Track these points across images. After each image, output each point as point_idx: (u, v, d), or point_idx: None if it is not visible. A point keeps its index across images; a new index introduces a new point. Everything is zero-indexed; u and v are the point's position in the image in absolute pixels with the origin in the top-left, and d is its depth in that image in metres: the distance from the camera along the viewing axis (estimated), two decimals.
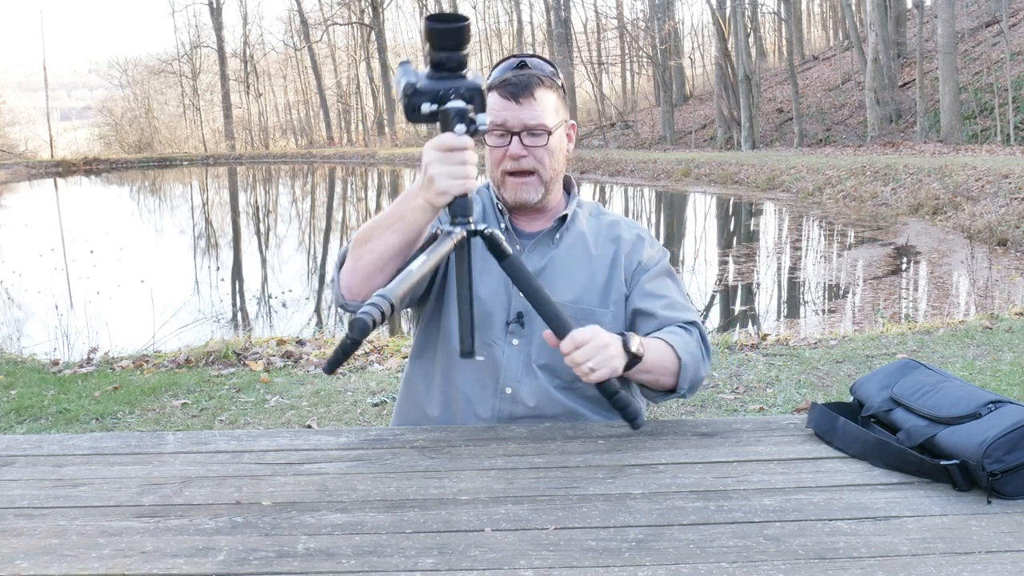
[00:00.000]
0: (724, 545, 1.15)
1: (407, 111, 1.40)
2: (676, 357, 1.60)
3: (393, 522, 1.23)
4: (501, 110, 1.67)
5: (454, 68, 1.38)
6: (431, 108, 1.39)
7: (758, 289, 9.54)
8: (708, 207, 18.06)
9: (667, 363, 1.60)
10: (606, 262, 1.74)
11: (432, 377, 1.75)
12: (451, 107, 1.38)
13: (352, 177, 31.41)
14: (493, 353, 1.69)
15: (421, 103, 1.39)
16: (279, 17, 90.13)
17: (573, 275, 1.72)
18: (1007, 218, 10.79)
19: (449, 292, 1.73)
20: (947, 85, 19.96)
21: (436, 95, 1.39)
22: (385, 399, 4.36)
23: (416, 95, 1.38)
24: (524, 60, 1.73)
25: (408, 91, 1.39)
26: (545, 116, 1.68)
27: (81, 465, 1.49)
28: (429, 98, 1.38)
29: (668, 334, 1.65)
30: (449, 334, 1.71)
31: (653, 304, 1.71)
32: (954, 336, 5.32)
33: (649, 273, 1.75)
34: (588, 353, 1.43)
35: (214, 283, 11.20)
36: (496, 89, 1.69)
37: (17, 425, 4.17)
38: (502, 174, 1.71)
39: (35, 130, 46.14)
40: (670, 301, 1.72)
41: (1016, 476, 1.26)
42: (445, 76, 1.38)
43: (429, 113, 1.39)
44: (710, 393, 4.37)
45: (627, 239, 1.77)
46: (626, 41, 37.44)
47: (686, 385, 1.63)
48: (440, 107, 1.39)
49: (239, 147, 45.23)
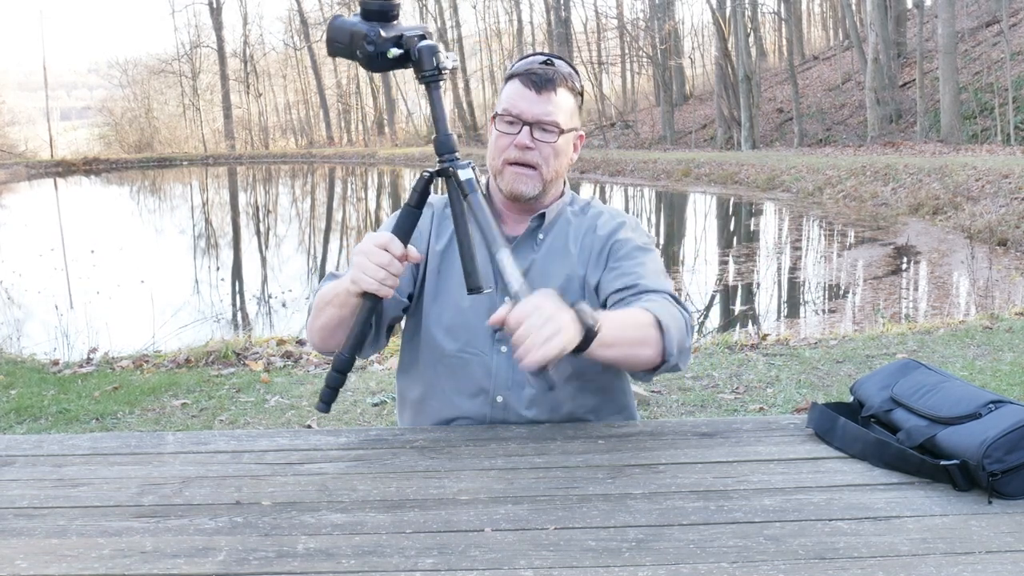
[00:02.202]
0: (724, 545, 1.14)
1: (370, 59, 1.43)
2: (654, 322, 1.48)
3: (393, 522, 1.23)
4: (519, 99, 1.66)
5: (393, 16, 1.44)
6: (398, 52, 1.42)
7: (758, 289, 9.53)
8: (708, 207, 18.06)
9: (638, 332, 1.47)
10: (585, 257, 1.70)
11: (422, 389, 1.74)
12: (424, 46, 1.42)
13: (352, 177, 31.40)
14: (482, 362, 1.67)
15: (387, 48, 1.42)
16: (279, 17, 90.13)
17: (553, 277, 1.68)
18: (1007, 218, 10.79)
19: (428, 297, 1.71)
20: (947, 85, 19.96)
21: (399, 40, 1.42)
22: (385, 399, 4.36)
23: (381, 40, 1.42)
24: (551, 58, 1.71)
25: (372, 38, 1.41)
26: (560, 115, 1.66)
27: (81, 465, 1.49)
28: (393, 43, 1.42)
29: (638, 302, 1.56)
30: (432, 342, 1.70)
31: (622, 281, 1.63)
32: (954, 336, 5.31)
33: (626, 249, 1.68)
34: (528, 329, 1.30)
35: (214, 283, 11.20)
36: (519, 77, 1.67)
37: (17, 425, 4.17)
38: (503, 163, 1.68)
39: (35, 130, 46.17)
40: (643, 273, 1.64)
41: (1016, 476, 1.26)
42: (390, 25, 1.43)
43: (396, 57, 1.43)
44: (710, 393, 4.37)
45: (607, 226, 1.72)
46: (626, 41, 37.43)
47: (674, 350, 1.50)
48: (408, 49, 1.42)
49: (239, 147, 45.22)
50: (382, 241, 1.45)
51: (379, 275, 1.44)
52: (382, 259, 1.44)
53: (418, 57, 1.42)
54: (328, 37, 1.47)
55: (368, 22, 1.43)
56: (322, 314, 1.61)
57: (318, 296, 1.63)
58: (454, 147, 1.45)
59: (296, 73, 49.91)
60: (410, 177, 28.89)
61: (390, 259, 1.45)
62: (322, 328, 1.62)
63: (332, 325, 1.60)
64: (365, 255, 1.45)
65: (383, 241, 1.45)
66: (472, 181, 1.42)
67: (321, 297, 1.62)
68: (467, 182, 1.42)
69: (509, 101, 1.66)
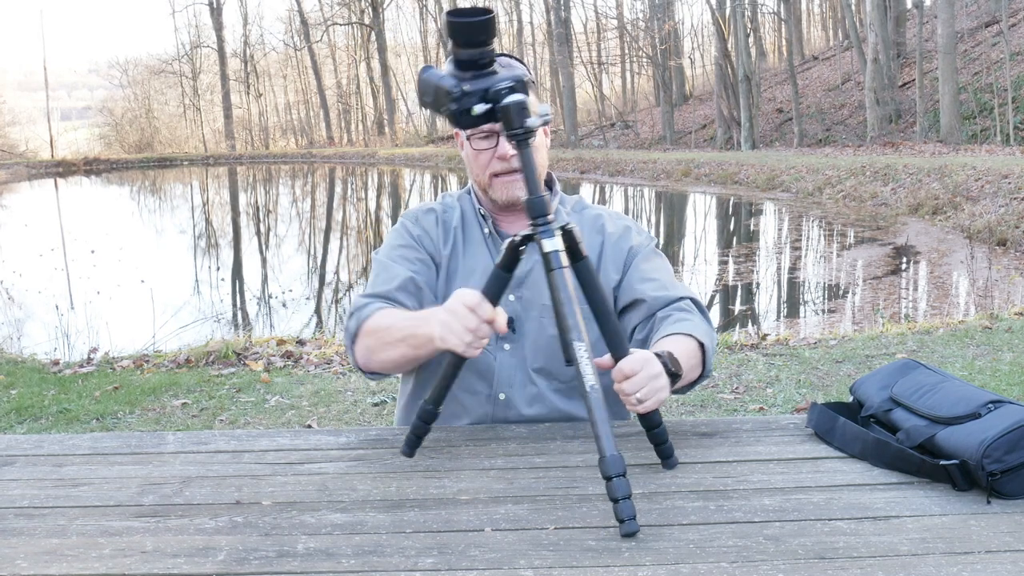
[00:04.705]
0: (724, 545, 1.15)
1: (456, 115, 1.33)
2: (699, 346, 1.56)
3: (393, 522, 1.24)
4: None
5: (485, 64, 1.32)
6: (484, 108, 1.32)
7: (758, 289, 9.54)
8: (708, 207, 18.06)
9: (694, 360, 1.55)
10: (594, 257, 1.72)
11: (424, 386, 1.74)
12: (511, 102, 1.30)
13: (352, 177, 31.39)
14: (485, 359, 1.68)
15: (471, 105, 1.32)
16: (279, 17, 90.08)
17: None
18: (1007, 218, 10.79)
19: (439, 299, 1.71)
20: (947, 85, 19.95)
21: (486, 93, 1.31)
22: (385, 399, 4.36)
23: (465, 97, 1.31)
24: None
25: (455, 94, 1.31)
26: None
27: (81, 465, 1.49)
28: (478, 98, 1.31)
29: (675, 324, 1.61)
30: None
31: (644, 288, 1.69)
32: (954, 336, 5.31)
33: (641, 255, 1.73)
34: (638, 384, 1.37)
35: (214, 283, 11.20)
36: None
37: (17, 425, 4.17)
38: (490, 176, 1.70)
39: (35, 130, 46.13)
40: (661, 283, 1.70)
41: (1016, 476, 1.26)
42: (479, 74, 1.32)
43: (483, 113, 1.32)
44: (710, 393, 4.37)
45: (613, 230, 1.76)
46: (626, 41, 37.42)
47: (711, 366, 1.61)
48: (496, 104, 1.31)
49: (239, 147, 45.20)
50: (471, 302, 1.39)
51: (466, 338, 1.39)
52: (470, 323, 1.39)
53: (504, 115, 1.31)
54: (417, 89, 1.39)
55: (459, 72, 1.33)
56: (392, 349, 1.57)
57: (381, 322, 1.60)
58: (545, 211, 1.32)
59: (296, 73, 49.89)
60: (410, 177, 28.90)
61: (478, 323, 1.39)
62: (393, 363, 1.61)
63: (403, 363, 1.61)
64: (453, 315, 1.40)
65: (472, 303, 1.39)
66: (557, 255, 1.30)
67: (388, 328, 1.58)
68: (552, 255, 1.30)
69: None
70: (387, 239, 1.80)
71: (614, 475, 1.20)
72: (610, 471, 1.20)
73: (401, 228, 1.78)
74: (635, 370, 1.37)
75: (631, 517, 1.18)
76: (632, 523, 1.18)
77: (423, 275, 1.72)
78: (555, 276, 1.29)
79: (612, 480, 1.20)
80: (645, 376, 1.38)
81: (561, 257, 1.30)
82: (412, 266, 1.71)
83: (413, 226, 1.78)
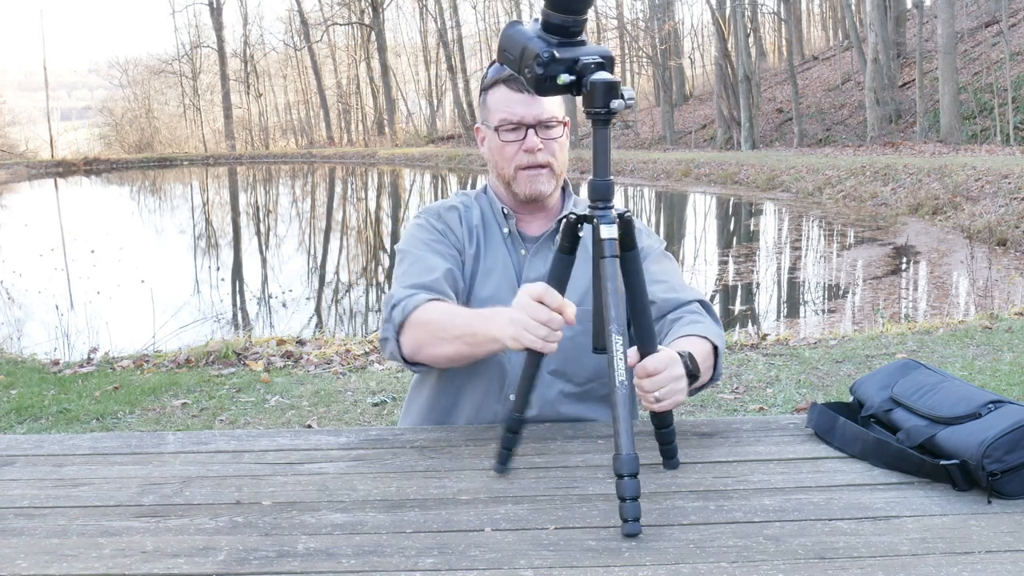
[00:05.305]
0: (724, 545, 1.15)
1: (539, 80, 1.27)
2: (712, 349, 1.56)
3: (393, 522, 1.24)
4: (514, 104, 1.66)
5: (576, 33, 1.27)
6: (569, 79, 1.26)
7: (758, 289, 9.54)
8: (708, 207, 18.06)
9: (708, 362, 1.55)
10: None
11: (436, 383, 1.74)
12: (600, 80, 1.25)
13: (352, 177, 31.39)
14: (497, 359, 1.67)
15: (558, 73, 1.26)
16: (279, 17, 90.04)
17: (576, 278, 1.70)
18: (1007, 218, 10.79)
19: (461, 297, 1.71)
20: (947, 85, 19.95)
21: (574, 64, 1.26)
22: (385, 399, 4.36)
23: (553, 64, 1.26)
24: None
25: (544, 59, 1.25)
26: (556, 109, 1.69)
27: (81, 465, 1.49)
28: (565, 67, 1.26)
29: (689, 326, 1.61)
30: None
31: (655, 290, 1.68)
32: (954, 336, 5.31)
33: (651, 258, 1.73)
34: (659, 383, 1.37)
35: (214, 283, 11.20)
36: (505, 83, 1.68)
37: (17, 425, 4.17)
38: (515, 169, 1.70)
39: (35, 130, 46.11)
40: (671, 285, 1.71)
41: (1016, 476, 1.26)
42: (566, 42, 1.27)
43: (567, 84, 1.27)
44: (710, 393, 4.37)
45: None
46: (626, 41, 37.40)
47: (721, 371, 1.61)
48: (580, 78, 1.26)
49: (239, 147, 45.19)
50: (538, 293, 1.33)
51: (541, 332, 1.33)
52: (541, 315, 1.32)
53: (590, 91, 1.26)
54: (500, 43, 1.32)
55: (546, 36, 1.27)
56: (447, 345, 1.54)
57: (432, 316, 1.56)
58: (608, 195, 1.29)
59: (296, 73, 49.89)
60: (410, 177, 28.89)
61: (549, 315, 1.32)
62: (445, 359, 1.57)
63: (457, 360, 1.57)
64: (524, 310, 1.34)
65: (539, 293, 1.33)
66: (612, 243, 1.27)
67: (442, 323, 1.55)
68: (607, 243, 1.27)
69: (505, 109, 1.67)
70: (410, 232, 1.76)
71: (627, 474, 1.19)
72: (623, 469, 1.19)
73: (425, 223, 1.75)
74: (658, 369, 1.36)
75: (635, 518, 1.18)
76: (635, 524, 1.17)
77: (459, 269, 1.71)
78: (606, 264, 1.27)
79: (624, 479, 1.19)
80: (668, 376, 1.37)
81: (615, 245, 1.28)
82: (447, 260, 1.69)
83: (437, 222, 1.75)
